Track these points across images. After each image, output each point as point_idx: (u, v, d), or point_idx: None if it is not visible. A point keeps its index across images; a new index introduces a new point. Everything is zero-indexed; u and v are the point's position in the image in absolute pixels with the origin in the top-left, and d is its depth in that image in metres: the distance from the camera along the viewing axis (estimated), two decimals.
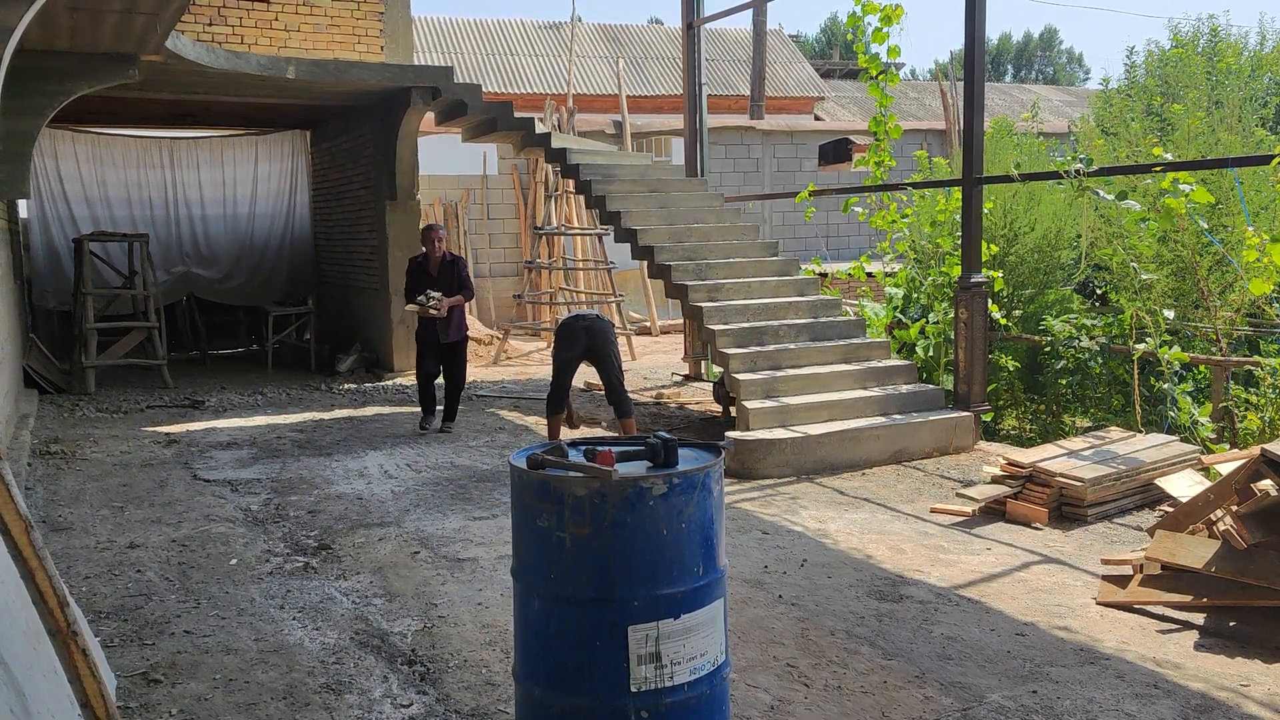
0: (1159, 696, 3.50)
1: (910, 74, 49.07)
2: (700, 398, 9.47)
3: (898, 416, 7.33)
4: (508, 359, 12.60)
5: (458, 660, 3.83)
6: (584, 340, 7.20)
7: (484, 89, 10.71)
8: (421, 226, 8.11)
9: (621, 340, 12.57)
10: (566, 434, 7.91)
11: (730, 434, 6.99)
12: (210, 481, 6.67)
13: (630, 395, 9.80)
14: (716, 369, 8.73)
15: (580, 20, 24.70)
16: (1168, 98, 10.96)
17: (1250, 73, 11.04)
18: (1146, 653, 3.88)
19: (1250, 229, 6.98)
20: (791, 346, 7.78)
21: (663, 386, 10.36)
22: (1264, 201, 8.46)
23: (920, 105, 29.60)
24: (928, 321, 8.84)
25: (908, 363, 8.00)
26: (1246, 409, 7.12)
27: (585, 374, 10.34)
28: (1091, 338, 8.02)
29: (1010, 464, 5.87)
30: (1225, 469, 5.03)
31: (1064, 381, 8.59)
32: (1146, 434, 6.62)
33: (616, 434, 7.62)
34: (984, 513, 5.74)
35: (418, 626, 4.17)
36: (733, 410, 7.46)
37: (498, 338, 13.02)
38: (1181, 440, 6.52)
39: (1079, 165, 7.03)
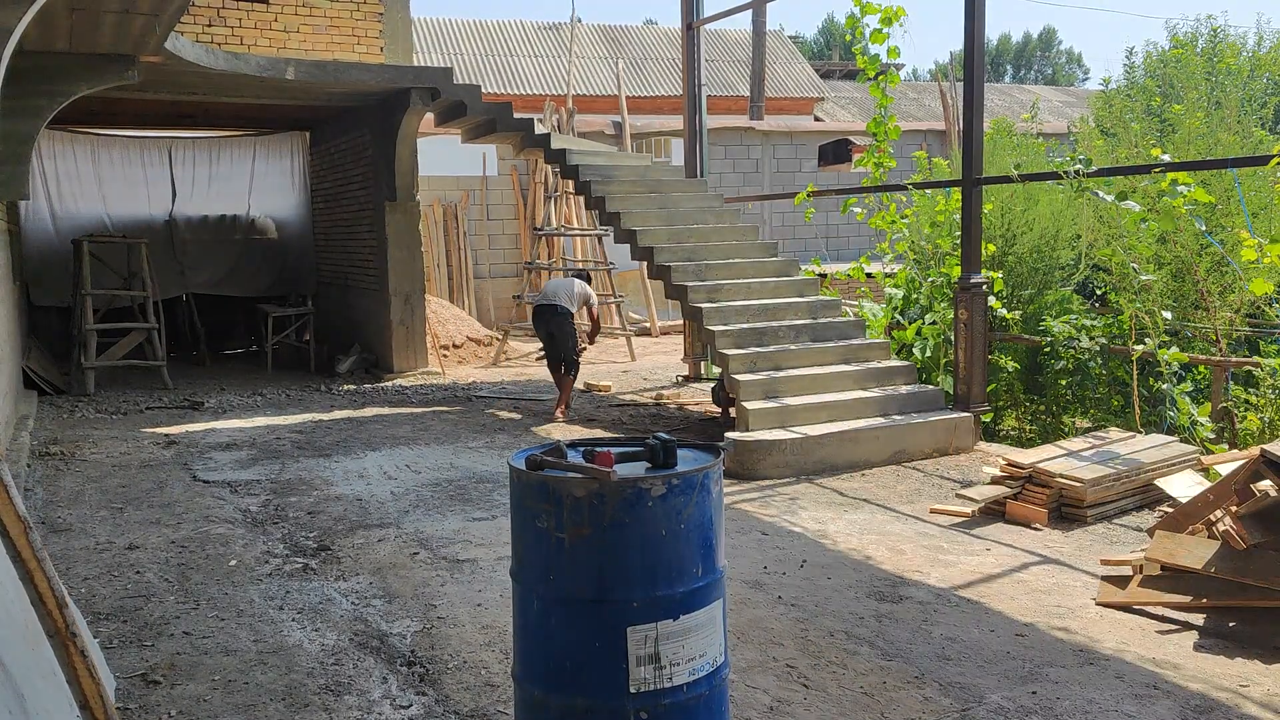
0: (1158, 697, 3.50)
1: (910, 74, 49.11)
2: (700, 398, 9.47)
3: (897, 417, 7.33)
4: (507, 360, 12.60)
5: (457, 661, 3.83)
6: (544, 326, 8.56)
7: (483, 90, 10.71)
8: None
9: (621, 341, 12.60)
10: (566, 432, 7.91)
11: (730, 435, 6.99)
12: (209, 483, 6.67)
13: (629, 396, 9.82)
14: (715, 369, 8.73)
15: (580, 21, 24.72)
16: (1167, 98, 10.97)
17: (1249, 73, 11.05)
18: (1146, 653, 3.87)
19: (1248, 232, 6.98)
20: (791, 347, 7.78)
21: (663, 387, 10.36)
22: (1263, 202, 8.47)
23: (920, 106, 29.61)
24: (924, 322, 8.84)
25: (907, 363, 8.00)
26: (1246, 409, 7.12)
27: (584, 375, 10.35)
28: (1091, 338, 8.02)
29: (1010, 465, 5.86)
30: (1225, 469, 5.03)
31: (1064, 382, 8.59)
32: (1146, 434, 6.62)
33: (616, 434, 7.62)
34: (983, 513, 5.74)
35: (417, 627, 4.16)
36: (732, 412, 7.46)
37: (497, 338, 13.02)
38: (1181, 441, 6.52)
39: (1078, 166, 7.03)
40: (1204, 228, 7.39)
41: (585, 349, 9.36)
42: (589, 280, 9.53)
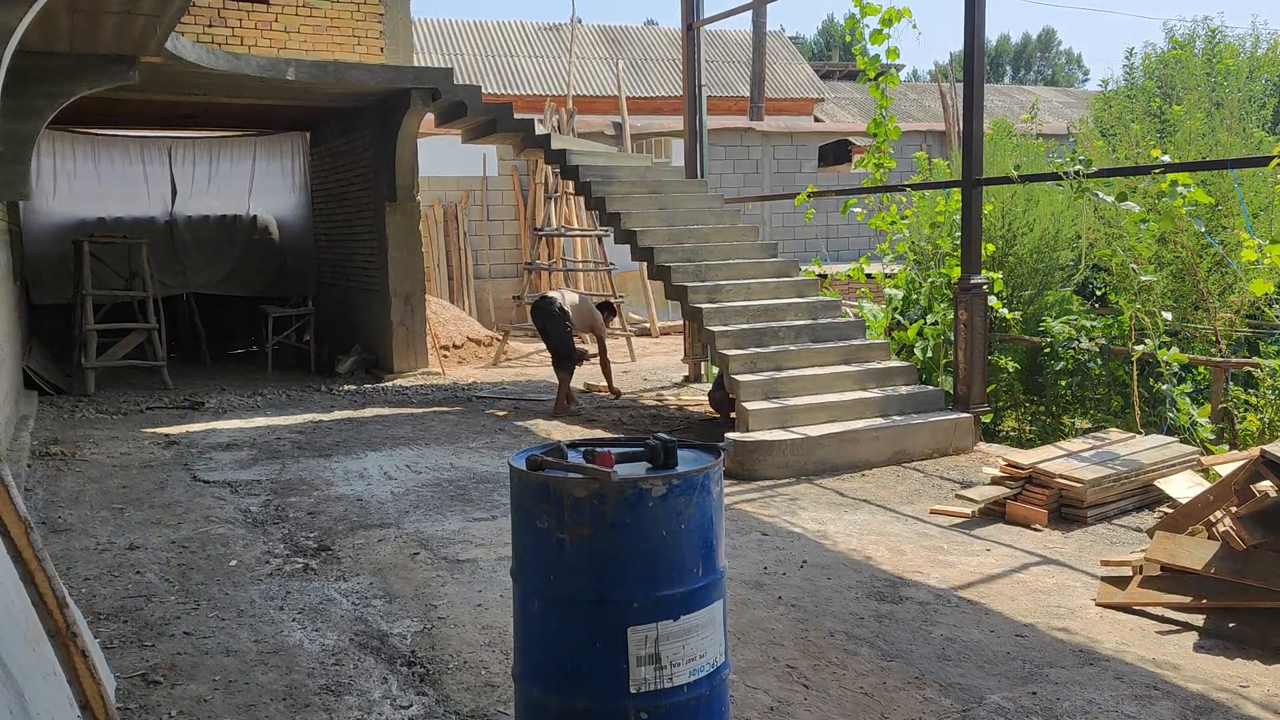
0: (1158, 697, 3.51)
1: (910, 75, 49.14)
2: (700, 398, 9.47)
3: (897, 418, 7.33)
4: (507, 360, 12.61)
5: (457, 661, 3.83)
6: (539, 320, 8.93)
7: (484, 90, 10.71)
8: None
9: (621, 341, 12.60)
10: (567, 432, 7.92)
11: (730, 435, 6.99)
12: (210, 483, 6.67)
13: (629, 396, 9.81)
14: (715, 370, 8.74)
15: (580, 21, 24.72)
16: (1167, 99, 10.97)
17: (1248, 74, 11.05)
18: (1146, 654, 3.88)
19: (1248, 232, 6.98)
20: (791, 348, 7.78)
21: (663, 387, 10.36)
22: (1263, 203, 8.47)
23: (920, 106, 29.62)
24: (925, 323, 8.84)
25: (907, 364, 8.00)
26: (1246, 410, 7.13)
27: (584, 375, 10.36)
28: (1091, 339, 8.02)
29: (1010, 465, 5.86)
30: (1224, 470, 5.03)
31: (1064, 383, 8.59)
32: (1146, 435, 6.63)
33: (616, 435, 7.64)
34: (983, 514, 5.74)
35: (417, 628, 4.17)
36: (732, 415, 7.46)
37: (497, 339, 13.02)
38: (1181, 441, 6.52)
39: (1078, 167, 7.04)
40: (1204, 228, 7.39)
41: (589, 353, 9.38)
42: (613, 314, 9.55)
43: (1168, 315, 7.46)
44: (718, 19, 11.00)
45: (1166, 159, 6.98)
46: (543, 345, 9.62)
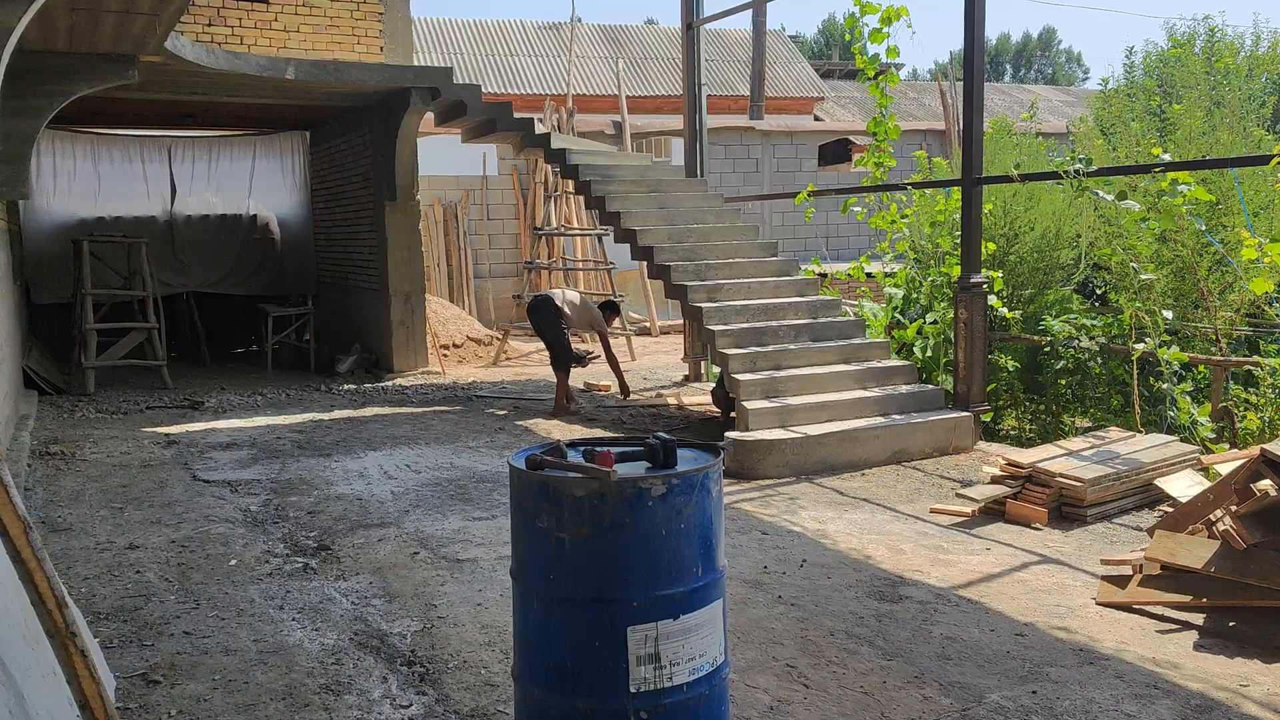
0: (1158, 696, 3.50)
1: (910, 74, 49.13)
2: (700, 398, 9.47)
3: (897, 417, 7.33)
4: (507, 359, 12.60)
5: (457, 661, 3.83)
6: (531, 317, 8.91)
7: (483, 90, 10.71)
8: None
9: (621, 341, 12.60)
10: (567, 432, 7.91)
11: (730, 434, 6.99)
12: (210, 482, 6.67)
13: (630, 395, 9.80)
14: (715, 370, 8.75)
15: (580, 21, 24.71)
16: (1167, 98, 10.96)
17: (1248, 73, 11.03)
18: (1146, 653, 3.88)
19: (1249, 231, 6.98)
20: (791, 347, 7.78)
21: (662, 387, 10.36)
22: (1263, 201, 8.46)
23: (920, 105, 29.61)
24: (925, 322, 8.84)
25: (907, 363, 8.00)
26: (1246, 409, 7.13)
27: (584, 374, 10.36)
28: (1091, 338, 8.02)
29: (1010, 464, 5.86)
30: (1225, 469, 5.03)
31: (1063, 382, 8.59)
32: (1146, 434, 6.62)
33: (616, 434, 7.64)
34: (983, 513, 5.74)
35: (417, 627, 4.16)
36: (732, 413, 7.45)
37: (497, 338, 13.02)
38: (1181, 440, 6.52)
39: (1078, 165, 7.03)
40: (1204, 227, 7.39)
41: (591, 354, 9.36)
42: (616, 313, 9.50)
43: (1168, 314, 7.45)
44: (718, 18, 11.00)
45: (1167, 157, 6.97)
46: (542, 344, 9.64)
